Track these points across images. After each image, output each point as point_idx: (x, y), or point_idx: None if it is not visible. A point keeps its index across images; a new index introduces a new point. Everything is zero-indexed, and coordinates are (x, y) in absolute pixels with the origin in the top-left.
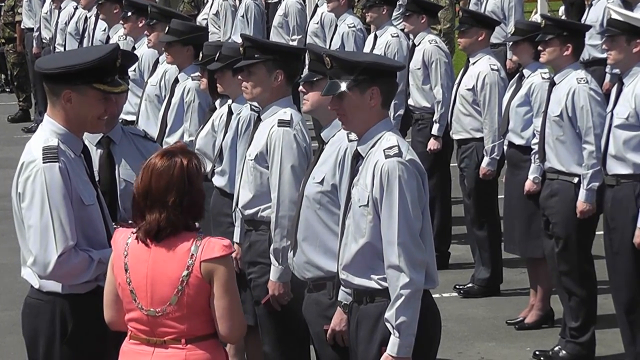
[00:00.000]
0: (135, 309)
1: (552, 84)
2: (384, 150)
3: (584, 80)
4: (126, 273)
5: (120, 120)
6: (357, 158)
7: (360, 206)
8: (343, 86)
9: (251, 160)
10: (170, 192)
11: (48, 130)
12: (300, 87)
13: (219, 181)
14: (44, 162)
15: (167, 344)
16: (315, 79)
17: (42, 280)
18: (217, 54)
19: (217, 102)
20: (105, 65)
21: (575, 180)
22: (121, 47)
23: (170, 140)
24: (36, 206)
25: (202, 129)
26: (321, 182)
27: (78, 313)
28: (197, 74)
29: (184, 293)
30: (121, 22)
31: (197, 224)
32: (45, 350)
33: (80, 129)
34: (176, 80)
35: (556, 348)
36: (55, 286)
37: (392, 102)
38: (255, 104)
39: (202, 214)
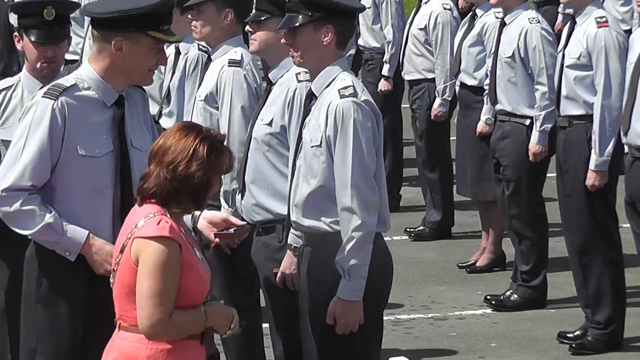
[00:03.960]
0: None
1: (503, 25)
2: (338, 90)
3: (536, 20)
4: None
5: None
6: (310, 97)
7: (312, 147)
8: (299, 20)
9: (201, 100)
10: (167, 155)
11: (76, 73)
12: (247, 27)
13: (166, 122)
14: (42, 96)
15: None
16: (263, 18)
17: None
18: None
19: None
20: (161, 11)
21: (527, 122)
22: None
23: None
24: (16, 135)
25: None
26: (270, 124)
27: (49, 271)
28: None
29: (119, 268)
30: None
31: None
32: (25, 304)
33: (124, 80)
34: None
35: (508, 292)
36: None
37: None
38: (204, 44)
39: (194, 203)
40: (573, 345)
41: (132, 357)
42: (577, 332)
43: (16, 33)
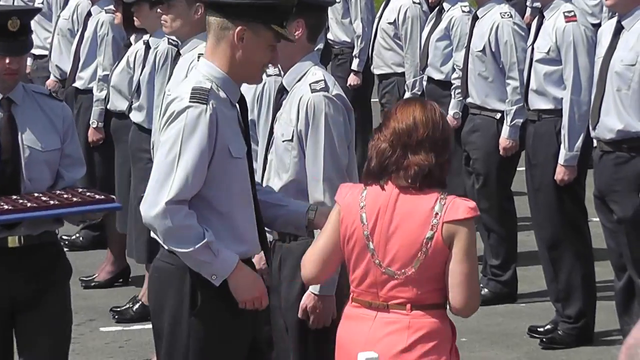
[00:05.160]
0: (368, 266)
1: (475, 19)
2: (310, 84)
3: (508, 15)
4: (363, 225)
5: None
6: (282, 92)
7: (284, 141)
8: None
9: (170, 95)
10: (439, 132)
11: (202, 73)
12: None
13: (136, 117)
14: (190, 102)
15: (389, 309)
16: None
17: None
18: None
19: (132, 38)
20: (288, 6)
21: (498, 116)
22: None
23: (84, 75)
24: (167, 144)
25: (117, 65)
26: None
27: (210, 283)
28: (111, 7)
29: (425, 256)
30: None
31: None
32: (171, 322)
33: (241, 76)
34: (89, 14)
35: None
36: None
37: None
38: (174, 38)
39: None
40: (544, 339)
41: (437, 332)
42: (548, 327)
43: None
